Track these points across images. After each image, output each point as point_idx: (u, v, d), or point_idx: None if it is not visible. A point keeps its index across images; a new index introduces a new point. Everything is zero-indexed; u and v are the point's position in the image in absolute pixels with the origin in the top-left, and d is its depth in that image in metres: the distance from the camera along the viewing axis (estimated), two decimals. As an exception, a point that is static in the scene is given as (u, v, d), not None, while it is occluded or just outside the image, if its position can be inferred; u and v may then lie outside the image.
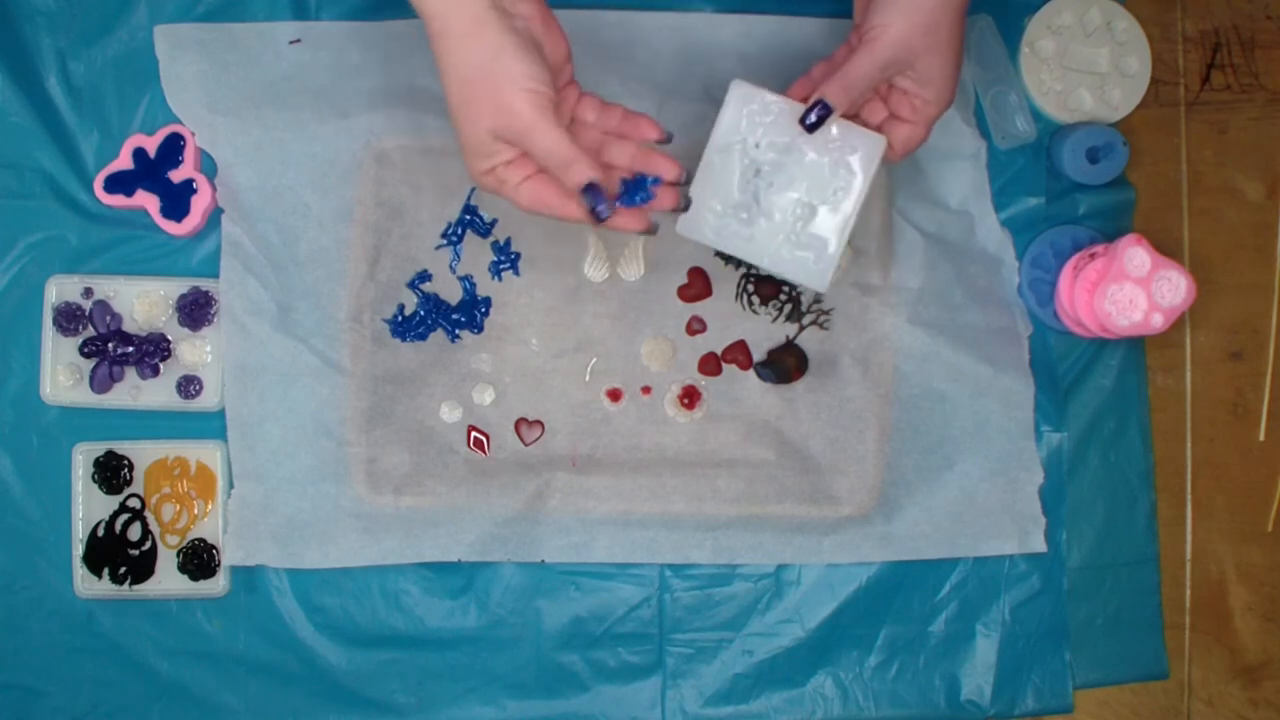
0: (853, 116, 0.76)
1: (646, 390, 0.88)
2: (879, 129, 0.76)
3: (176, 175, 0.86)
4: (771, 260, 0.78)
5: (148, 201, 0.86)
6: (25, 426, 0.87)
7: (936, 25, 0.71)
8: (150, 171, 0.86)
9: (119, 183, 0.86)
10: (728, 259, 0.88)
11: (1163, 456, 0.91)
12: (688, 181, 0.75)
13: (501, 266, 0.88)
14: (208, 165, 0.87)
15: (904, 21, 0.71)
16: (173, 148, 0.86)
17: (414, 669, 0.87)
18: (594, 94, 0.75)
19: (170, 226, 0.86)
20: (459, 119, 0.69)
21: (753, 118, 0.77)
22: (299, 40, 0.87)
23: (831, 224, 0.77)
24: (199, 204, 0.86)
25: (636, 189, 0.73)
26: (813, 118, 0.73)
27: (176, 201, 0.86)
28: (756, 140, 0.77)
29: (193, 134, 0.87)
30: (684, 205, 0.76)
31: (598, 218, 0.70)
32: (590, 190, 0.69)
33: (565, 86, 0.74)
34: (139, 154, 0.86)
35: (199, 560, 0.86)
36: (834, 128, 0.75)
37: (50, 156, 0.87)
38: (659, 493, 0.87)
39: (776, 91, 0.77)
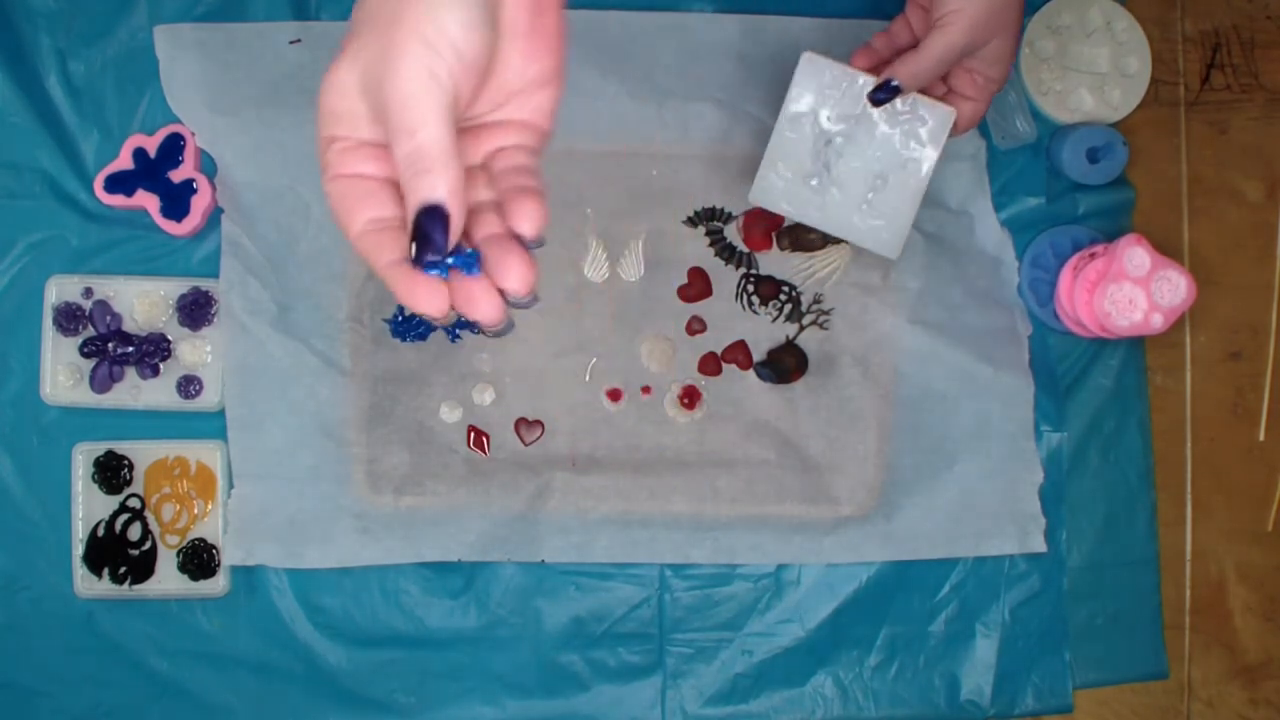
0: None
1: (646, 390, 0.88)
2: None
3: (176, 175, 0.86)
4: (844, 228, 0.81)
5: (148, 201, 0.86)
6: (25, 426, 0.87)
7: (1006, 5, 0.72)
8: (150, 171, 0.86)
9: (119, 183, 0.86)
10: (728, 259, 0.88)
11: (1163, 456, 0.91)
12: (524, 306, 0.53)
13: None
14: (208, 165, 0.87)
15: (978, 5, 0.71)
16: (173, 148, 0.86)
17: (414, 669, 0.87)
18: (519, 149, 0.53)
19: (170, 226, 0.86)
20: (344, 48, 0.50)
21: (822, 90, 0.79)
22: (299, 40, 0.87)
23: (903, 194, 0.80)
24: (199, 204, 0.86)
25: (470, 259, 0.49)
26: (881, 95, 0.76)
27: (176, 201, 0.86)
28: (828, 112, 0.79)
29: (193, 134, 0.87)
30: (507, 326, 0.52)
31: (420, 264, 0.48)
32: (433, 216, 0.47)
33: (506, 108, 0.53)
34: (139, 154, 0.86)
35: (199, 560, 0.86)
36: (899, 101, 0.77)
37: (50, 156, 0.87)
38: (659, 493, 0.87)
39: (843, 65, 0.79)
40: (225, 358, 0.86)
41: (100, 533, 0.86)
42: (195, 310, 0.86)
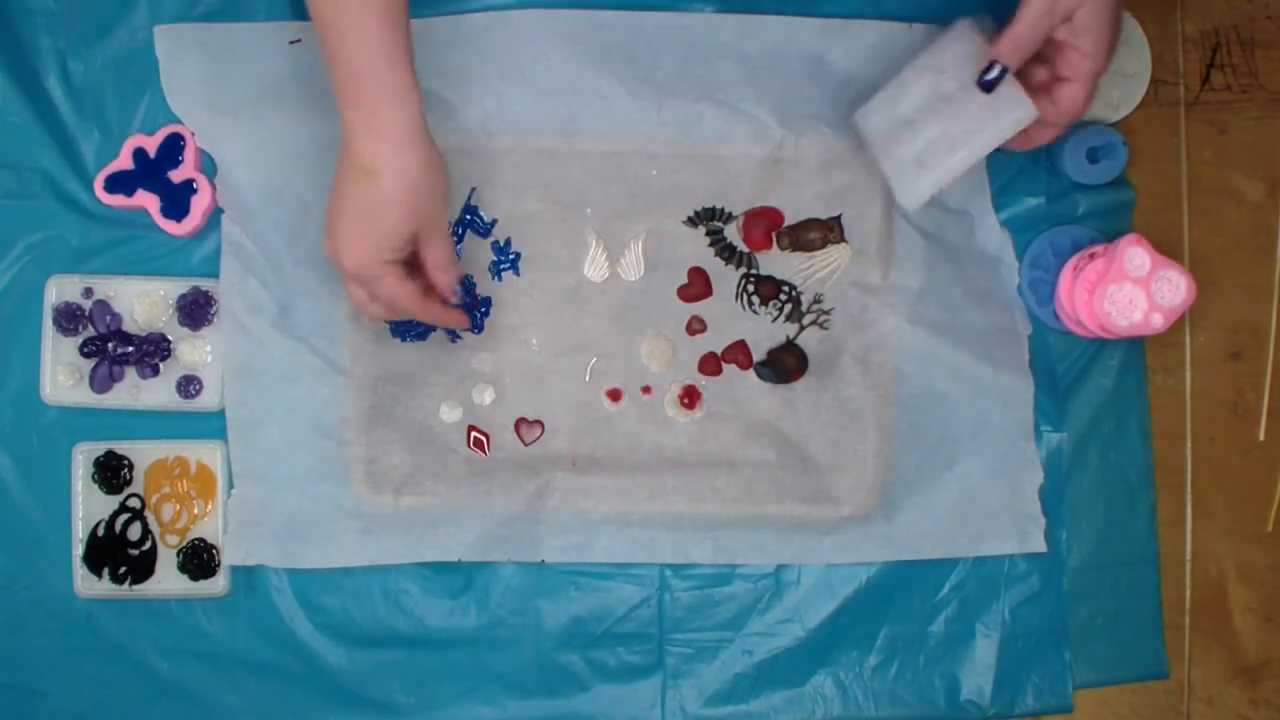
0: (1023, 77, 0.78)
1: (646, 390, 0.88)
2: (1045, 91, 0.78)
3: (176, 175, 0.86)
4: (886, 160, 0.82)
5: (148, 201, 0.86)
6: (25, 426, 0.87)
7: None
8: (150, 171, 0.86)
9: (119, 183, 0.86)
10: (728, 258, 0.88)
11: (1163, 456, 0.91)
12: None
13: (501, 266, 0.88)
14: (208, 165, 0.87)
15: None
16: (173, 148, 0.86)
17: (414, 669, 0.87)
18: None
19: (170, 226, 0.86)
20: (378, 215, 0.73)
21: (956, 56, 0.80)
22: (299, 40, 0.87)
23: (945, 159, 0.80)
24: (199, 204, 0.86)
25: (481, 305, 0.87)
26: (988, 79, 0.76)
27: (176, 201, 0.86)
28: (950, 74, 0.80)
29: (193, 134, 0.87)
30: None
31: (467, 307, 0.83)
32: (465, 283, 0.81)
33: None
34: (139, 154, 0.86)
35: (199, 560, 0.86)
36: (1002, 88, 0.77)
37: (50, 156, 0.87)
38: (659, 493, 0.87)
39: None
40: (225, 358, 0.86)
41: (100, 533, 0.86)
42: (195, 310, 0.86)
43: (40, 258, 0.87)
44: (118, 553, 0.86)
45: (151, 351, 0.86)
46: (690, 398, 0.88)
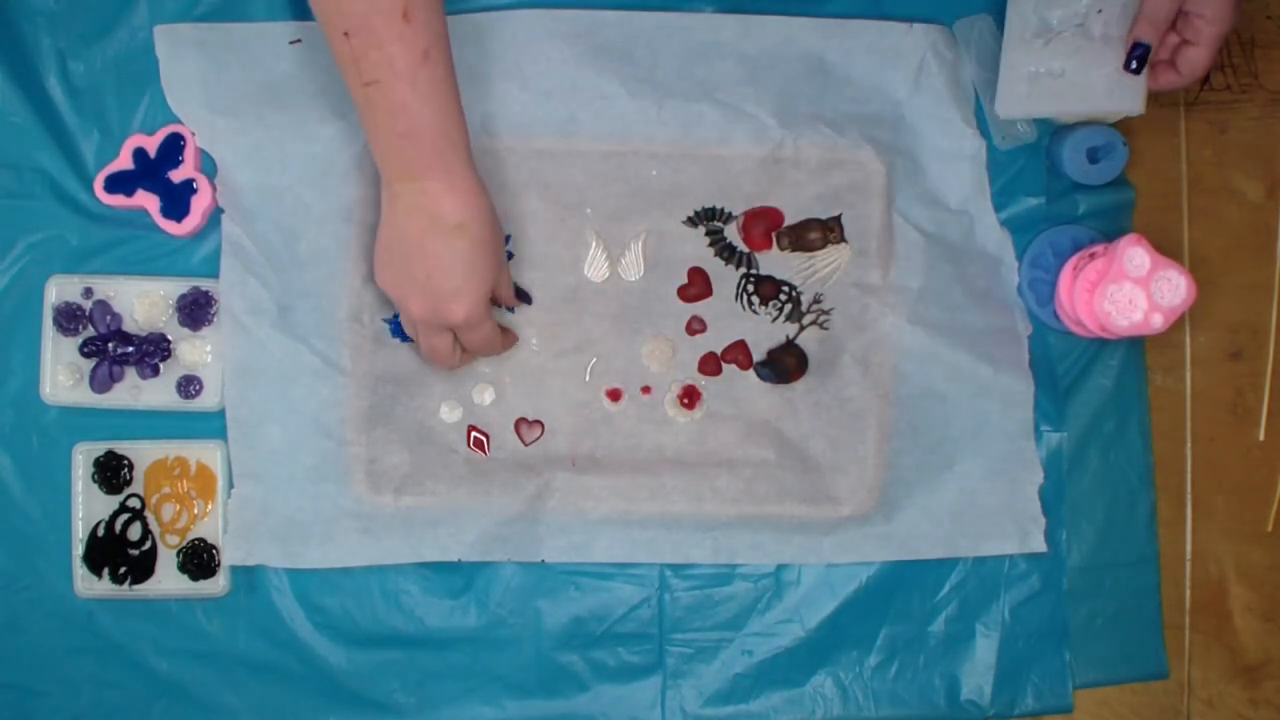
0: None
1: (646, 390, 0.88)
2: (1173, 58, 0.81)
3: (177, 175, 0.86)
4: (1008, 48, 0.84)
5: (148, 201, 0.86)
6: (25, 426, 0.87)
7: None
8: (150, 171, 0.86)
9: (119, 183, 0.86)
10: (728, 258, 0.88)
11: (1163, 456, 0.91)
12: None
13: None
14: (208, 165, 0.87)
15: None
16: (173, 148, 0.86)
17: (414, 669, 0.87)
18: None
19: (170, 226, 0.86)
20: (480, 263, 0.75)
21: (1120, 3, 0.82)
22: (299, 40, 0.87)
23: (1055, 105, 0.84)
24: (199, 204, 0.86)
25: None
26: (1134, 64, 0.80)
27: (176, 201, 0.86)
28: (1105, 15, 0.83)
29: (193, 134, 0.87)
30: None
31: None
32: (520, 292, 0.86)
33: None
34: (139, 154, 0.86)
35: (199, 560, 0.86)
36: (1130, 79, 0.82)
37: (50, 156, 0.87)
38: (659, 493, 0.87)
39: None
40: (225, 358, 0.86)
41: (100, 533, 0.86)
42: (195, 310, 0.86)
43: (40, 258, 0.87)
44: (118, 553, 0.86)
45: (151, 351, 0.86)
46: (690, 398, 0.88)
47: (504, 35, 0.87)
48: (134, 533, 0.86)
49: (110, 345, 0.86)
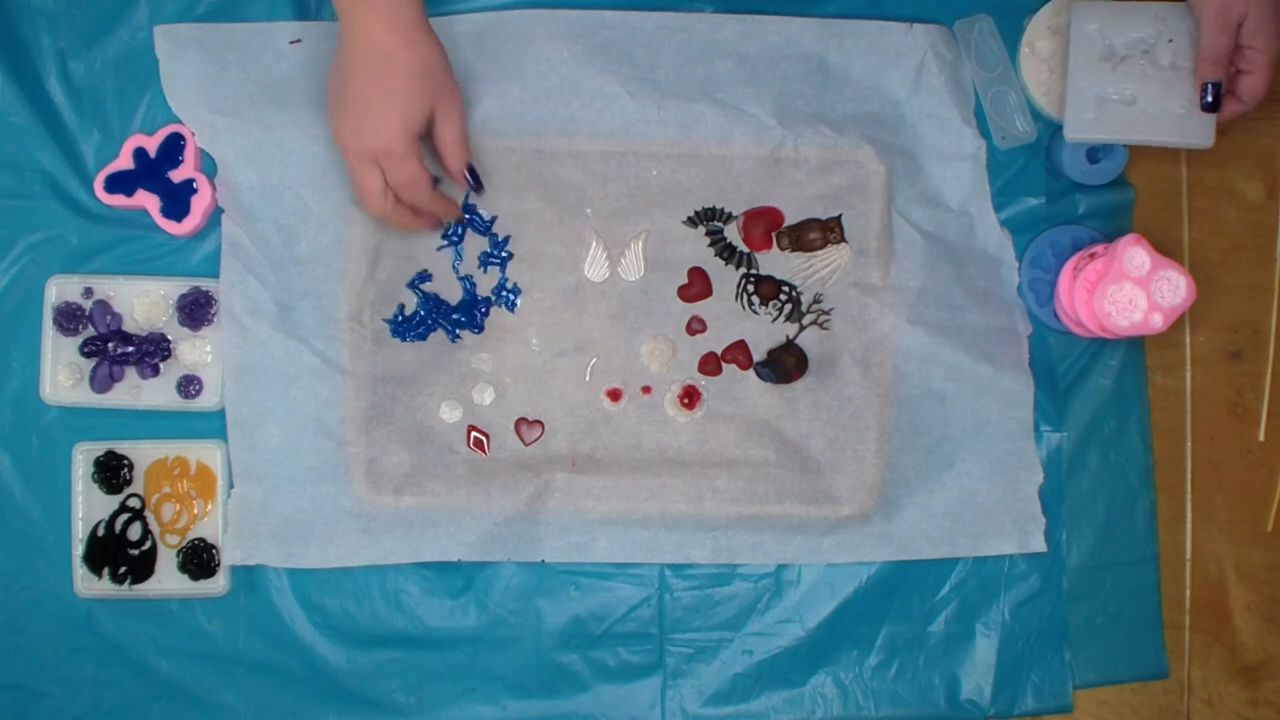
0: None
1: (646, 390, 0.88)
2: (1233, 87, 0.83)
3: (177, 175, 0.86)
4: (1074, 72, 0.85)
5: (148, 201, 0.86)
6: (25, 426, 0.87)
7: None
8: (150, 171, 0.86)
9: (119, 183, 0.86)
10: (728, 258, 0.88)
11: (1163, 456, 0.91)
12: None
13: (491, 260, 0.88)
14: (208, 165, 0.87)
15: None
16: (173, 148, 0.86)
17: (414, 669, 0.87)
18: None
19: (170, 226, 0.86)
20: (403, 91, 0.76)
21: (1188, 32, 0.84)
22: (299, 40, 0.87)
23: (1124, 133, 0.85)
24: (199, 204, 0.86)
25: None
26: (1208, 101, 0.83)
27: (177, 201, 0.86)
28: (1176, 45, 0.85)
29: (193, 134, 0.87)
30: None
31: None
32: (470, 169, 0.83)
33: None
34: (139, 154, 0.86)
35: (199, 560, 0.86)
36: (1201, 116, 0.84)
37: (50, 156, 0.87)
38: (659, 493, 0.87)
39: None
40: (225, 358, 0.86)
41: (100, 533, 0.86)
42: (195, 310, 0.86)
43: (40, 258, 0.87)
44: (118, 553, 0.86)
45: (151, 351, 0.86)
46: (690, 398, 0.88)
47: (504, 35, 0.87)
48: (134, 533, 0.86)
49: (110, 345, 0.86)
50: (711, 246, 0.89)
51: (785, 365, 0.87)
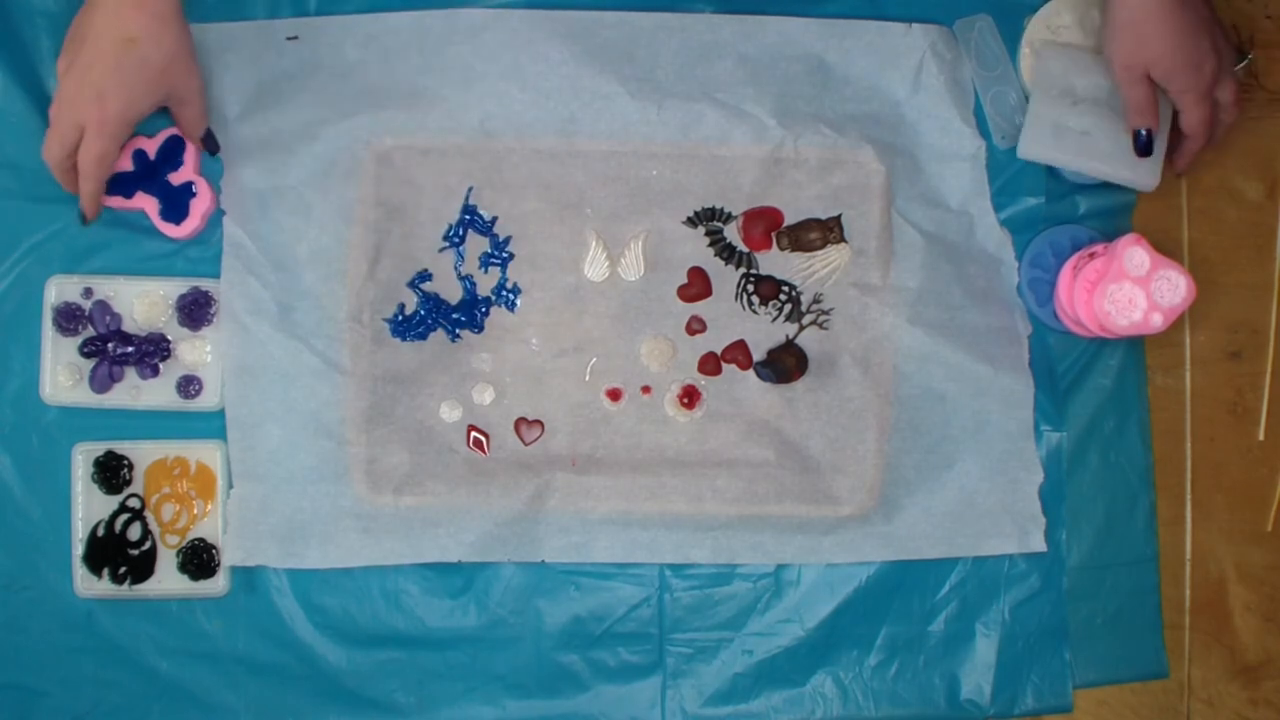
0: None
1: (646, 390, 0.88)
2: (1179, 124, 0.84)
3: (176, 178, 0.86)
4: (1037, 98, 0.87)
5: (146, 204, 0.86)
6: (25, 426, 0.87)
7: (1134, 22, 0.79)
8: (150, 173, 0.86)
9: (118, 184, 0.86)
10: (728, 258, 0.88)
11: (1162, 456, 0.90)
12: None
13: (492, 261, 0.88)
14: (207, 168, 0.87)
15: (1113, 25, 0.80)
16: (173, 150, 0.86)
17: (414, 669, 0.87)
18: None
19: (169, 229, 0.86)
20: (138, 77, 0.78)
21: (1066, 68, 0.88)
22: (296, 37, 0.87)
23: (1078, 160, 0.86)
24: (198, 207, 0.86)
25: None
26: (1140, 145, 0.84)
27: (175, 204, 0.86)
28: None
29: (193, 134, 0.87)
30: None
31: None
32: (207, 135, 0.85)
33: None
34: (139, 155, 0.86)
35: (199, 560, 0.86)
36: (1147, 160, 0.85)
37: (50, 156, 0.87)
38: (659, 493, 0.87)
39: None
40: (225, 358, 0.86)
41: (100, 533, 0.86)
42: (195, 310, 0.86)
43: (40, 258, 0.87)
44: (118, 553, 0.86)
45: (151, 351, 0.86)
46: (690, 397, 0.88)
47: (504, 35, 0.87)
48: (134, 533, 0.86)
49: (110, 345, 0.86)
50: (711, 246, 0.89)
51: (785, 365, 0.87)
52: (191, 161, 0.86)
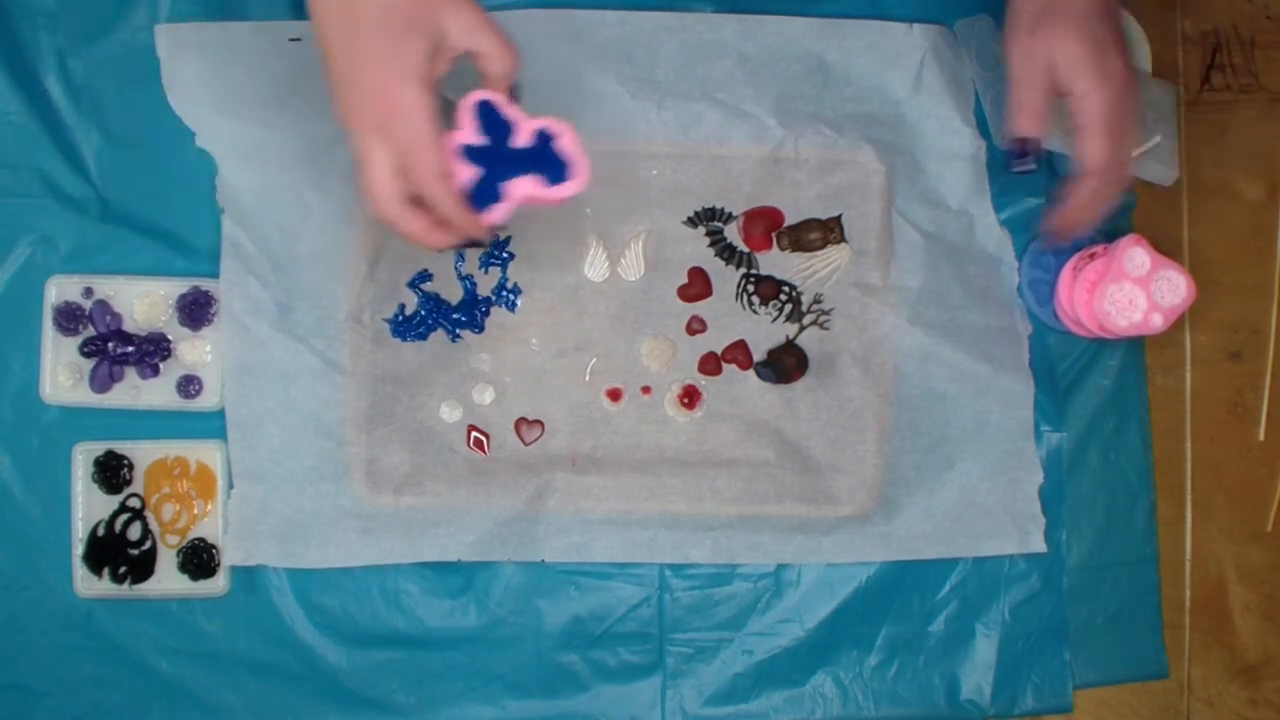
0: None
1: (646, 390, 0.88)
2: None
3: (521, 138, 0.70)
4: None
5: (525, 185, 0.71)
6: (25, 426, 0.87)
7: (1049, 11, 0.72)
8: (491, 157, 0.70)
9: (481, 194, 0.70)
10: (728, 259, 0.88)
11: (1162, 456, 0.91)
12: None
13: (491, 260, 0.88)
14: (203, 167, 0.87)
15: (1021, 18, 0.73)
16: (490, 118, 0.70)
17: (414, 669, 0.87)
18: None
19: (562, 190, 0.70)
20: (382, 21, 0.63)
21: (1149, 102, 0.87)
22: (299, 39, 0.87)
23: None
24: (573, 147, 0.70)
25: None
26: (1015, 169, 0.76)
27: (549, 162, 0.71)
28: None
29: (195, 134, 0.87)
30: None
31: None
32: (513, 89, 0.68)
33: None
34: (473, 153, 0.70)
35: (199, 560, 0.86)
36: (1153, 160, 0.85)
37: (49, 156, 0.87)
38: (659, 492, 0.87)
39: None
40: (225, 358, 0.86)
41: (100, 533, 0.86)
42: (195, 310, 0.86)
43: (40, 258, 0.87)
44: (118, 553, 0.86)
45: (151, 351, 0.86)
46: (690, 397, 0.88)
47: (504, 35, 0.87)
48: (134, 533, 0.86)
49: (110, 345, 0.86)
50: (711, 246, 0.89)
51: (785, 365, 0.87)
52: (517, 110, 0.69)
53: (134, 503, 0.86)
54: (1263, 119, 0.92)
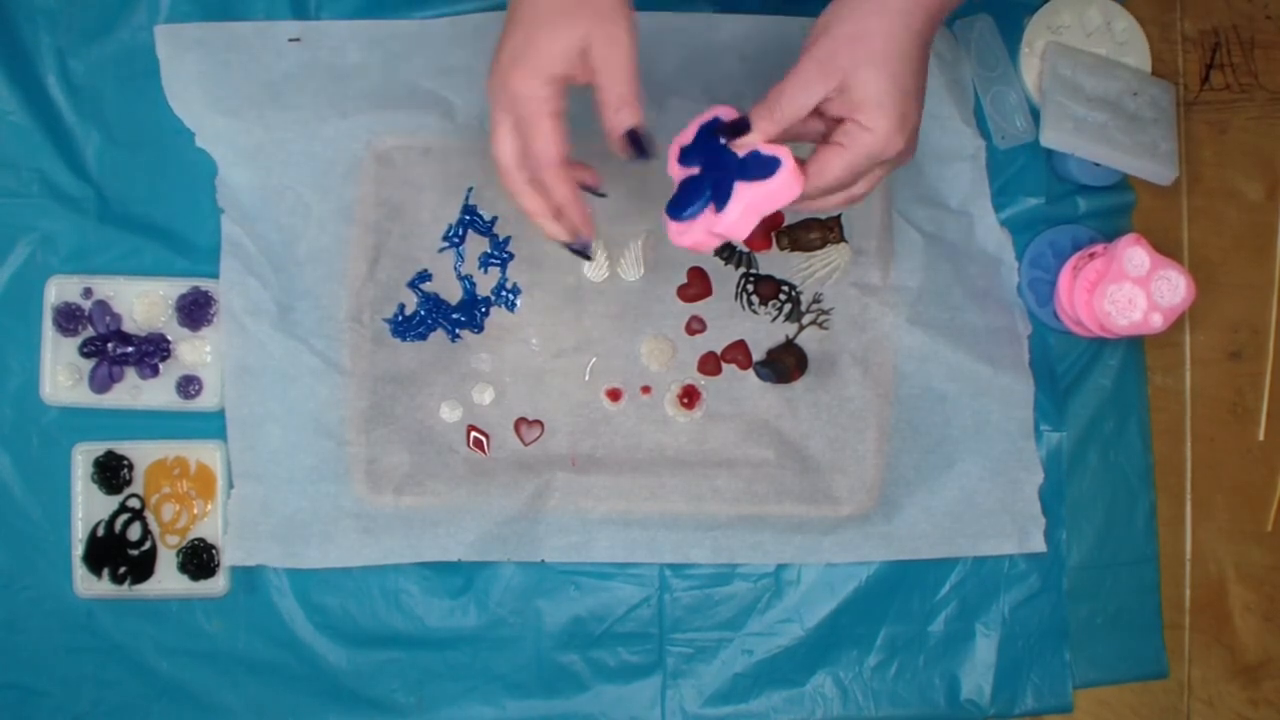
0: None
1: (646, 390, 0.88)
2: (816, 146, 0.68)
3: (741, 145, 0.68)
4: (1051, 88, 0.88)
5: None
6: (25, 426, 0.87)
7: (867, 35, 0.64)
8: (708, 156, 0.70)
9: (683, 198, 0.70)
10: (727, 258, 0.88)
11: (1162, 456, 0.91)
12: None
13: (491, 260, 0.88)
14: (201, 164, 0.87)
15: (831, 30, 0.65)
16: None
17: (414, 669, 0.87)
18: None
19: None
20: (534, 15, 0.65)
21: (1154, 98, 0.90)
22: (298, 39, 0.87)
23: (1097, 151, 0.88)
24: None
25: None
26: (723, 139, 0.68)
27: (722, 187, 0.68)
28: (1140, 98, 0.89)
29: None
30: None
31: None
32: (632, 134, 0.67)
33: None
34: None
35: (199, 560, 0.86)
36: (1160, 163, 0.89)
37: (49, 156, 0.87)
38: (659, 492, 0.87)
39: None
40: (225, 358, 0.86)
41: (100, 533, 0.86)
42: (195, 310, 0.86)
43: (40, 258, 0.87)
44: (118, 553, 0.86)
45: (151, 351, 0.86)
46: (690, 397, 0.88)
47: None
48: (134, 533, 0.86)
49: (110, 345, 0.86)
50: (711, 246, 0.89)
51: (785, 365, 0.87)
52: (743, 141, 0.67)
53: (134, 503, 0.86)
54: (1262, 119, 0.92)
